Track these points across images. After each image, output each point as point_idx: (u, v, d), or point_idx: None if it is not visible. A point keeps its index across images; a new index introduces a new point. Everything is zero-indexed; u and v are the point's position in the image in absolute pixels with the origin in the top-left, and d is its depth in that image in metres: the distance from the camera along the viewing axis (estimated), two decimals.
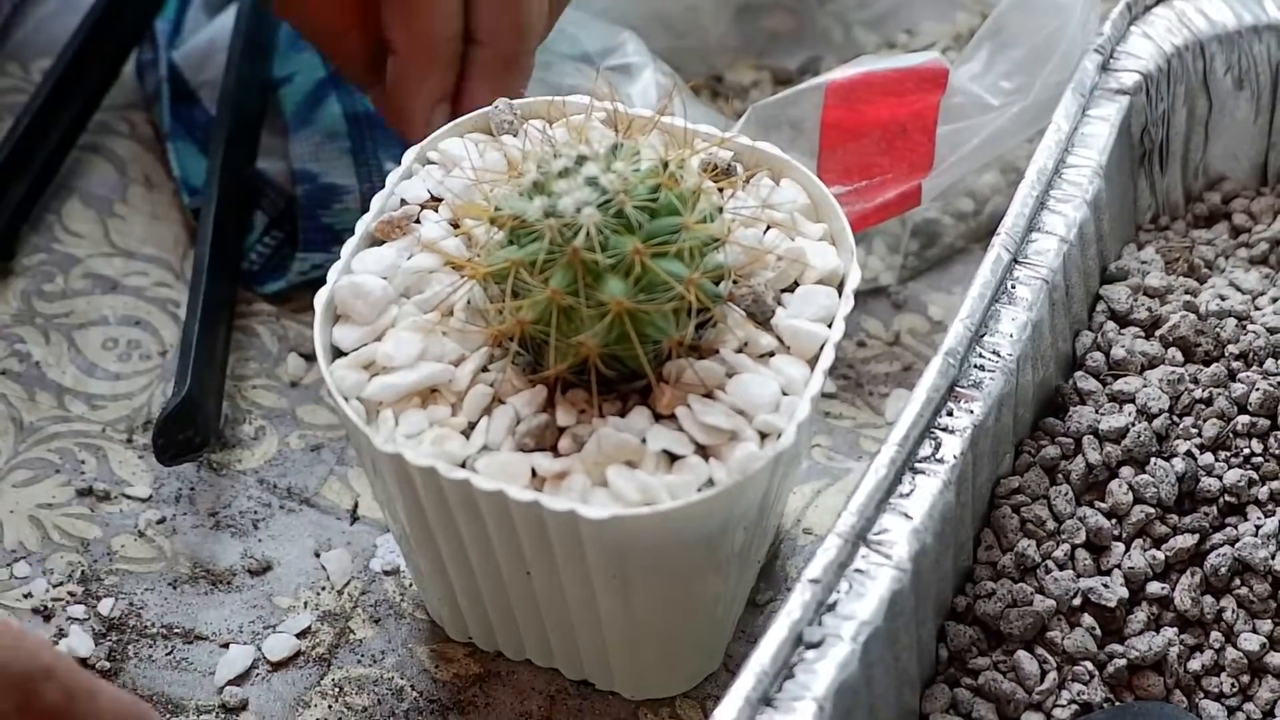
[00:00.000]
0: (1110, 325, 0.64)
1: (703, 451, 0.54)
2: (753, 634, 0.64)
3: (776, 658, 0.51)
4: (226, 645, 0.64)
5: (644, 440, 0.53)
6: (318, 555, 0.67)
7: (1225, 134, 0.71)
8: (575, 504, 0.52)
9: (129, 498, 0.68)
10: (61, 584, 0.65)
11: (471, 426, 0.55)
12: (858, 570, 0.53)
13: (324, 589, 0.65)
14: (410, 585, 0.66)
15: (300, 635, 0.64)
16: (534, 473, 0.53)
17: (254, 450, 0.70)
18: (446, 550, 0.58)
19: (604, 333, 0.53)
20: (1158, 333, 0.64)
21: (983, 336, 0.59)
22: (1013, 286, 0.60)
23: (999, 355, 0.58)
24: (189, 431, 0.66)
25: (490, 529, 0.55)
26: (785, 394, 0.55)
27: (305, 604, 0.65)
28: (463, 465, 0.53)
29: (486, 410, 0.55)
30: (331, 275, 0.57)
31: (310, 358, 0.72)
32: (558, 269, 0.53)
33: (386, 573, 0.66)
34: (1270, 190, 0.72)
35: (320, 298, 0.56)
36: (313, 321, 0.56)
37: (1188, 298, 0.65)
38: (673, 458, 0.54)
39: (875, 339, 0.73)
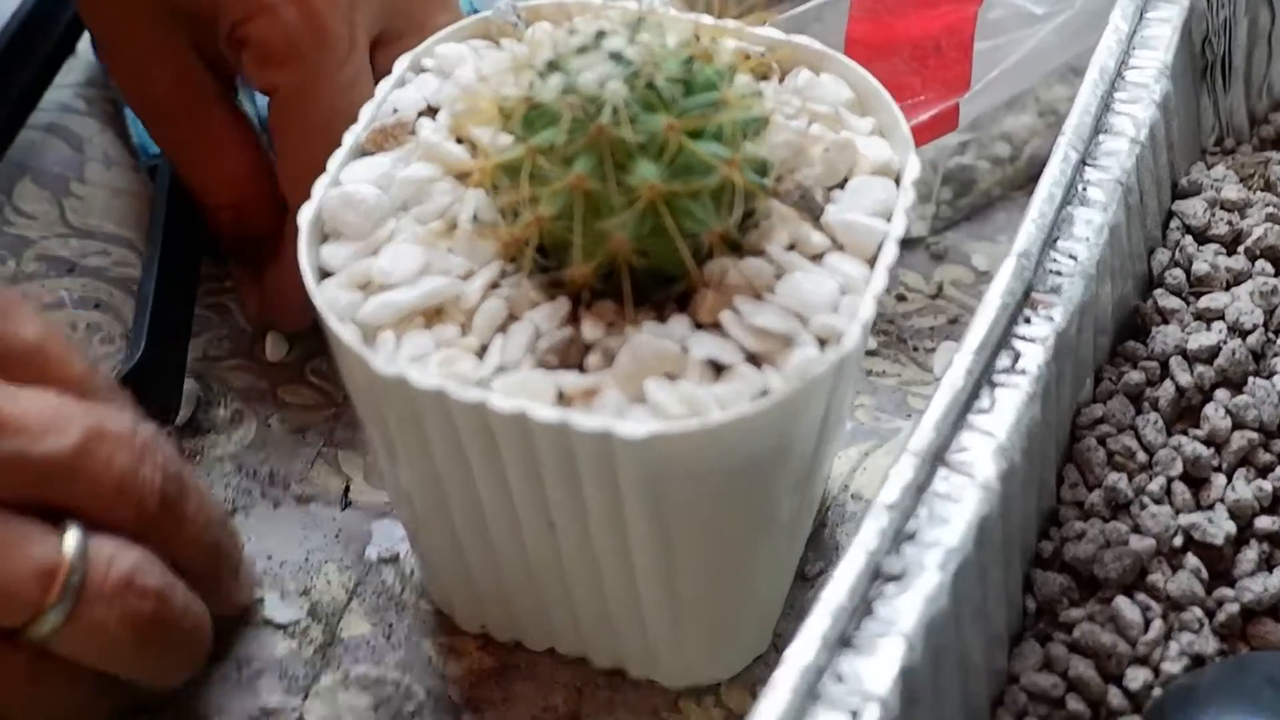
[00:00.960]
0: (1188, 239, 0.57)
1: (754, 360, 0.46)
2: (803, 610, 0.56)
3: (854, 592, 0.43)
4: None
5: (685, 349, 0.46)
6: (306, 545, 0.58)
7: None
8: (610, 421, 0.44)
9: None
10: None
11: (485, 348, 0.47)
12: (938, 493, 0.46)
13: (314, 582, 0.57)
14: (412, 573, 0.57)
15: (290, 633, 0.56)
16: (559, 394, 0.46)
17: (230, 435, 0.62)
18: (457, 505, 0.50)
19: (636, 224, 0.45)
20: (1241, 246, 0.57)
21: (1056, 240, 0.52)
22: (1084, 188, 0.53)
23: (1076, 259, 0.51)
24: (147, 401, 0.58)
25: (508, 466, 0.47)
26: (844, 294, 0.47)
27: (293, 599, 0.57)
28: (477, 388, 0.46)
29: (501, 328, 0.47)
30: (317, 189, 0.50)
31: (291, 334, 0.64)
32: (580, 153, 0.45)
33: (385, 560, 0.58)
34: None
35: (305, 212, 0.49)
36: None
37: (1270, 209, 0.58)
38: (718, 369, 0.46)
39: (916, 292, 0.66)
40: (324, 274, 0.49)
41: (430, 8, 0.61)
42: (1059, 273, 0.51)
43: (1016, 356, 0.49)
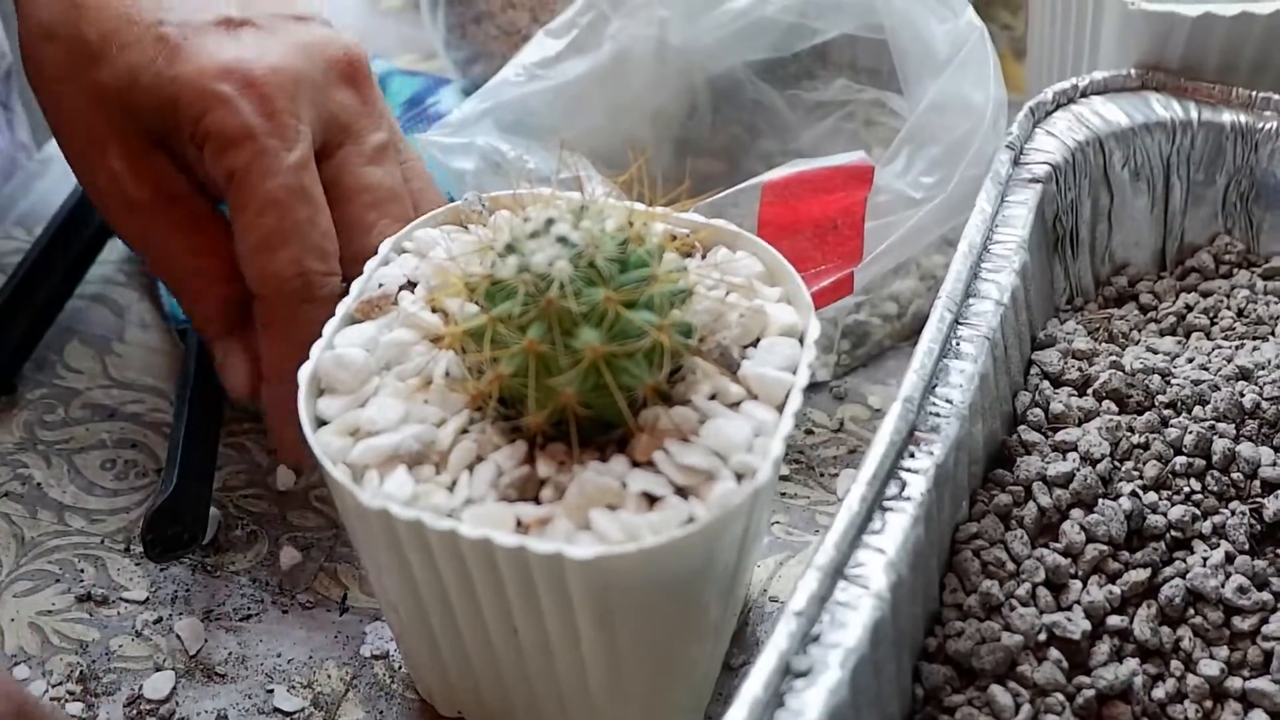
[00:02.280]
0: (1045, 384, 0.57)
1: (682, 492, 0.46)
2: (730, 695, 0.55)
3: (768, 686, 0.42)
4: None
5: (624, 484, 0.45)
6: (310, 644, 0.57)
7: (1127, 223, 0.64)
8: (561, 545, 0.43)
9: (126, 601, 0.59)
10: (60, 683, 0.56)
11: (455, 483, 0.46)
12: (838, 602, 0.45)
13: (316, 676, 0.56)
14: (400, 668, 0.56)
15: None
16: (518, 523, 0.45)
17: (246, 553, 0.61)
18: (434, 612, 0.49)
19: (581, 380, 0.45)
20: (1090, 389, 0.57)
21: (935, 387, 0.51)
22: (957, 343, 0.53)
23: (951, 403, 0.51)
24: (177, 527, 0.57)
25: (477, 583, 0.46)
26: (757, 436, 0.47)
27: (298, 691, 0.55)
28: (448, 518, 0.45)
29: (469, 467, 0.47)
30: (315, 351, 0.49)
31: (297, 468, 0.63)
32: (533, 321, 0.45)
33: (376, 657, 0.57)
34: (1170, 274, 0.65)
35: (304, 371, 0.48)
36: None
37: (1113, 358, 0.58)
38: (652, 500, 0.45)
39: (821, 427, 0.66)
40: (320, 423, 0.48)
41: (365, 121, 0.58)
42: (938, 414, 0.50)
43: (903, 485, 0.48)
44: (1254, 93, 0.64)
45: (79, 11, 0.57)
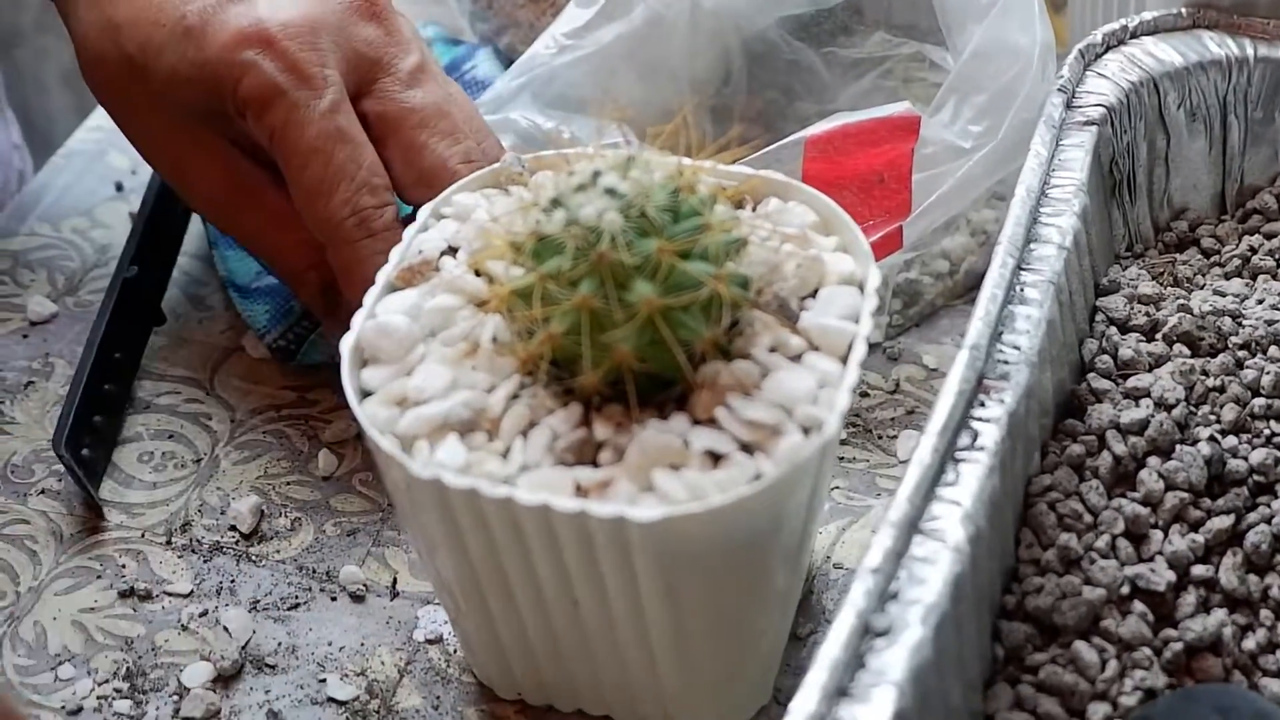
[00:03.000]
0: (1112, 330, 0.55)
1: (747, 448, 0.43)
2: (798, 666, 0.53)
3: (848, 646, 0.40)
4: None
5: (686, 442, 0.43)
6: (361, 631, 0.55)
7: (1184, 166, 0.62)
8: (623, 507, 0.41)
9: (171, 595, 0.57)
10: (107, 681, 0.54)
11: (509, 451, 0.44)
12: (916, 557, 0.43)
13: (369, 663, 0.54)
14: (455, 651, 0.54)
15: (351, 709, 0.52)
16: (577, 487, 0.43)
17: (291, 540, 0.58)
18: (491, 589, 0.47)
19: (636, 335, 0.43)
20: (1159, 333, 0.54)
21: (1001, 334, 0.49)
22: (1021, 289, 0.51)
23: (1020, 349, 0.49)
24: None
25: (535, 553, 0.44)
26: (821, 388, 0.44)
27: (351, 679, 0.53)
28: (504, 485, 0.42)
29: (523, 433, 0.45)
30: (356, 321, 0.47)
31: (340, 448, 0.61)
32: (584, 276, 0.43)
33: (430, 641, 0.55)
34: (1231, 217, 0.62)
35: (347, 341, 0.46)
36: (342, 418, 0.50)
37: (1181, 301, 0.55)
38: (716, 458, 0.43)
39: (877, 389, 0.63)
40: (365, 394, 0.46)
41: (394, 50, 0.58)
42: (1006, 361, 0.48)
43: (975, 435, 0.46)
44: None
45: (118, 31, 0.58)
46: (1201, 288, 0.58)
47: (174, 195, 0.66)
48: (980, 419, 0.46)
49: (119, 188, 0.74)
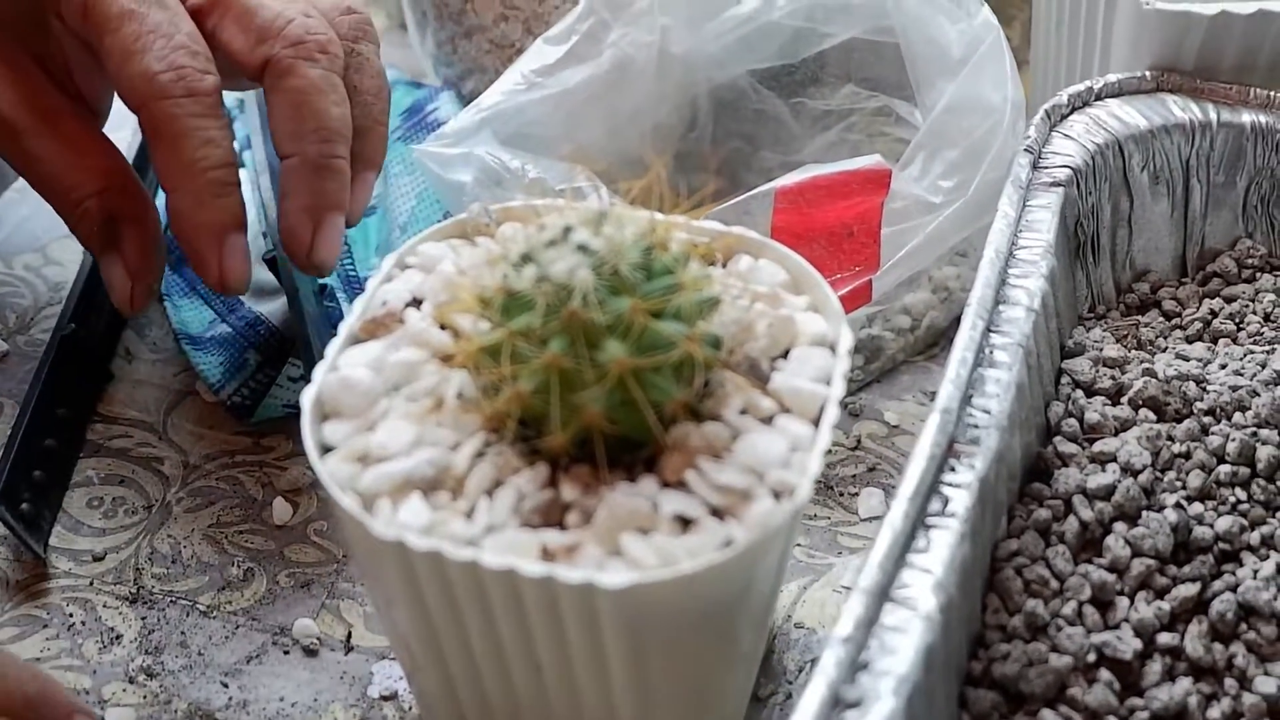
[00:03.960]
0: (1078, 394, 0.54)
1: (717, 513, 0.42)
2: None
3: (818, 718, 0.38)
4: None
5: (655, 506, 0.42)
6: (314, 686, 0.53)
7: (1147, 228, 0.61)
8: (592, 573, 0.40)
9: (118, 646, 0.54)
10: None
11: (473, 510, 0.42)
12: (887, 626, 0.41)
13: (322, 719, 0.52)
14: (410, 708, 0.52)
15: None
16: (544, 551, 0.41)
17: (244, 591, 0.57)
18: (450, 647, 0.45)
19: (607, 396, 0.42)
20: (1125, 398, 0.54)
21: (971, 398, 0.48)
22: (991, 351, 0.50)
23: (990, 413, 0.48)
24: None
25: (498, 615, 0.43)
26: (793, 451, 0.43)
27: None
28: (469, 547, 0.41)
29: (488, 492, 0.43)
30: (318, 374, 0.45)
31: (295, 496, 0.60)
32: (555, 334, 0.42)
33: (385, 698, 0.53)
34: (1191, 280, 0.62)
35: (308, 395, 0.44)
36: (298, 465, 0.47)
37: (1146, 365, 0.55)
38: (685, 522, 0.42)
39: (838, 445, 0.62)
40: (325, 449, 0.44)
41: None
42: (976, 425, 0.47)
43: (946, 501, 0.45)
44: (1273, 93, 0.61)
45: None
46: (1164, 350, 0.58)
47: None
48: (951, 484, 0.45)
49: None
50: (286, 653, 0.54)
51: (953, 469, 0.46)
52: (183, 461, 0.61)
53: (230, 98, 0.76)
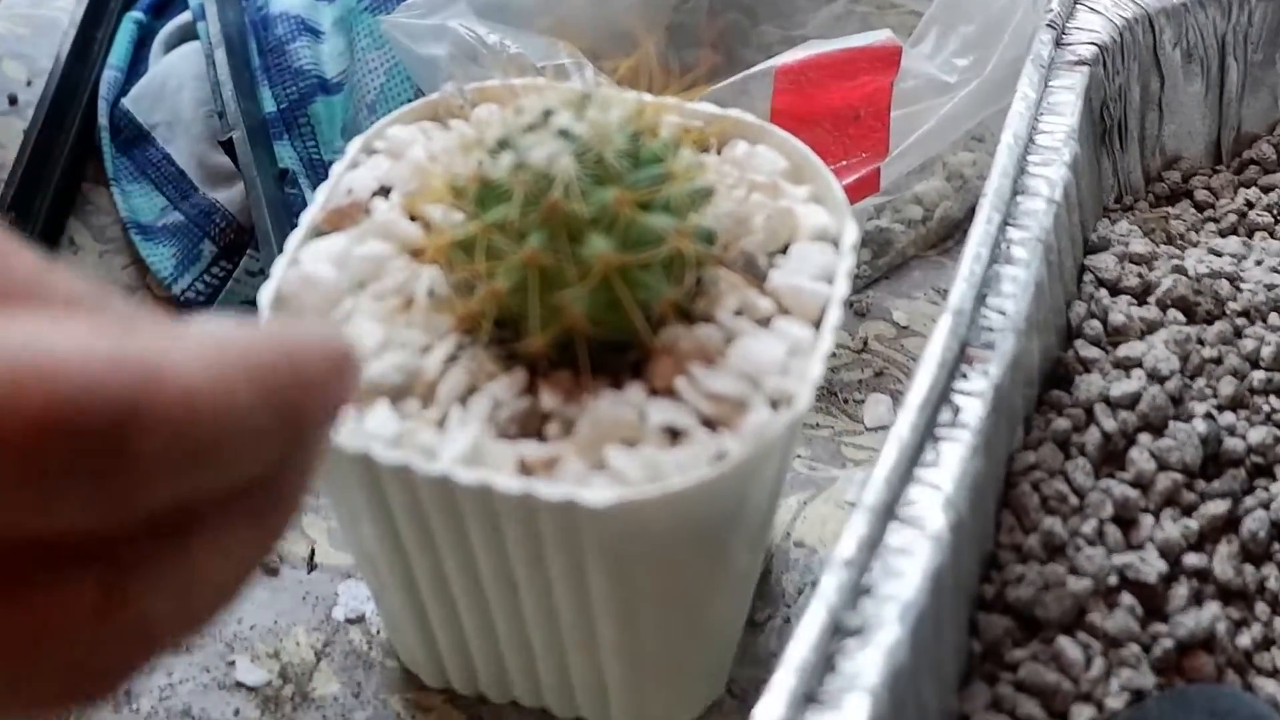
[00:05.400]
0: (1102, 293, 0.53)
1: (709, 424, 0.41)
2: (755, 655, 0.51)
3: (817, 647, 0.38)
4: (182, 711, 0.49)
5: (642, 416, 0.41)
6: (274, 608, 0.52)
7: (1179, 111, 0.60)
8: (573, 489, 0.39)
9: None
10: None
11: (446, 418, 0.41)
12: (891, 547, 0.40)
13: (283, 644, 0.51)
14: (379, 632, 0.52)
15: (262, 695, 0.50)
16: (521, 464, 0.40)
17: None
18: (422, 571, 0.44)
19: (590, 295, 0.40)
20: (1152, 297, 0.53)
21: (985, 297, 0.47)
22: (1008, 246, 0.49)
23: (1005, 314, 0.46)
24: None
25: (472, 535, 0.42)
26: (792, 356, 0.42)
27: (263, 661, 0.51)
28: (439, 460, 0.40)
29: (461, 400, 0.42)
30: (276, 269, 0.44)
31: None
32: (533, 228, 0.40)
33: (351, 621, 0.52)
34: (1226, 168, 0.61)
35: (265, 293, 0.43)
36: None
37: (1175, 262, 0.53)
38: (675, 434, 0.41)
39: (842, 348, 0.61)
40: None
41: None
42: (991, 328, 0.46)
43: (957, 411, 0.44)
44: None
45: None
46: (1195, 245, 0.57)
47: (66, 116, 0.63)
48: (963, 392, 0.44)
49: (12, 101, 0.71)
50: None
51: (965, 375, 0.45)
52: None
53: None
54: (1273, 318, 0.51)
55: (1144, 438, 0.48)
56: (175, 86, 0.67)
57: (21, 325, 0.23)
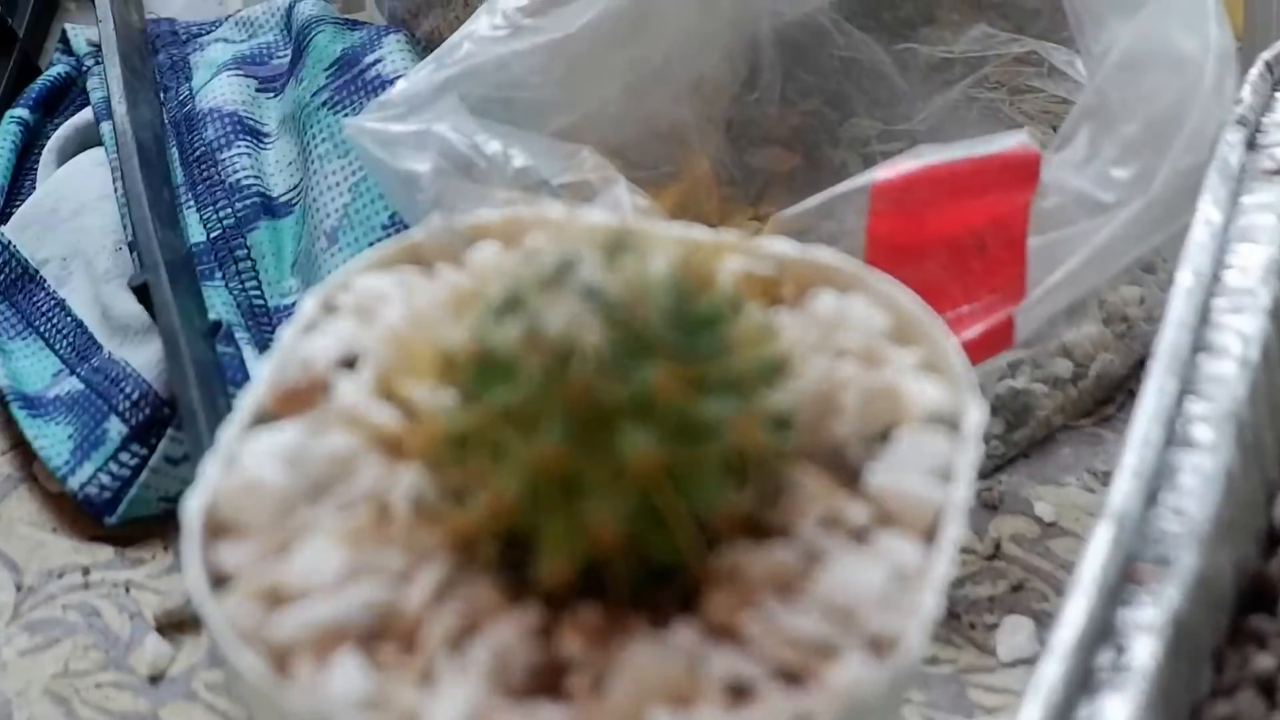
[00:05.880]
0: None
1: (786, 677, 0.42)
2: None
3: None
4: None
5: (696, 666, 0.42)
6: None
7: None
8: None
9: None
10: None
11: (433, 671, 0.43)
12: None
13: None
14: None
15: None
16: None
17: None
18: None
19: (625, 505, 0.42)
20: None
21: (1158, 495, 0.48)
22: (1187, 426, 0.50)
23: (1185, 517, 0.48)
24: None
25: None
26: (897, 584, 0.44)
27: None
28: None
29: (454, 645, 0.43)
30: (208, 468, 0.46)
31: (174, 631, 0.60)
32: (550, 417, 0.42)
33: None
34: None
35: (192, 504, 0.45)
36: (179, 584, 0.47)
37: None
38: (738, 692, 0.42)
39: (968, 552, 0.63)
40: (219, 580, 0.45)
41: None
42: (1166, 537, 0.47)
43: (1121, 650, 0.45)
44: None
45: None
46: None
47: None
48: (1130, 624, 0.46)
49: None
50: None
51: (1132, 601, 0.46)
52: (14, 581, 0.62)
53: (84, 41, 0.77)
54: None
55: None
56: (72, 210, 0.69)
57: None
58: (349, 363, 0.49)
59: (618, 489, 0.42)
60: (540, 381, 0.42)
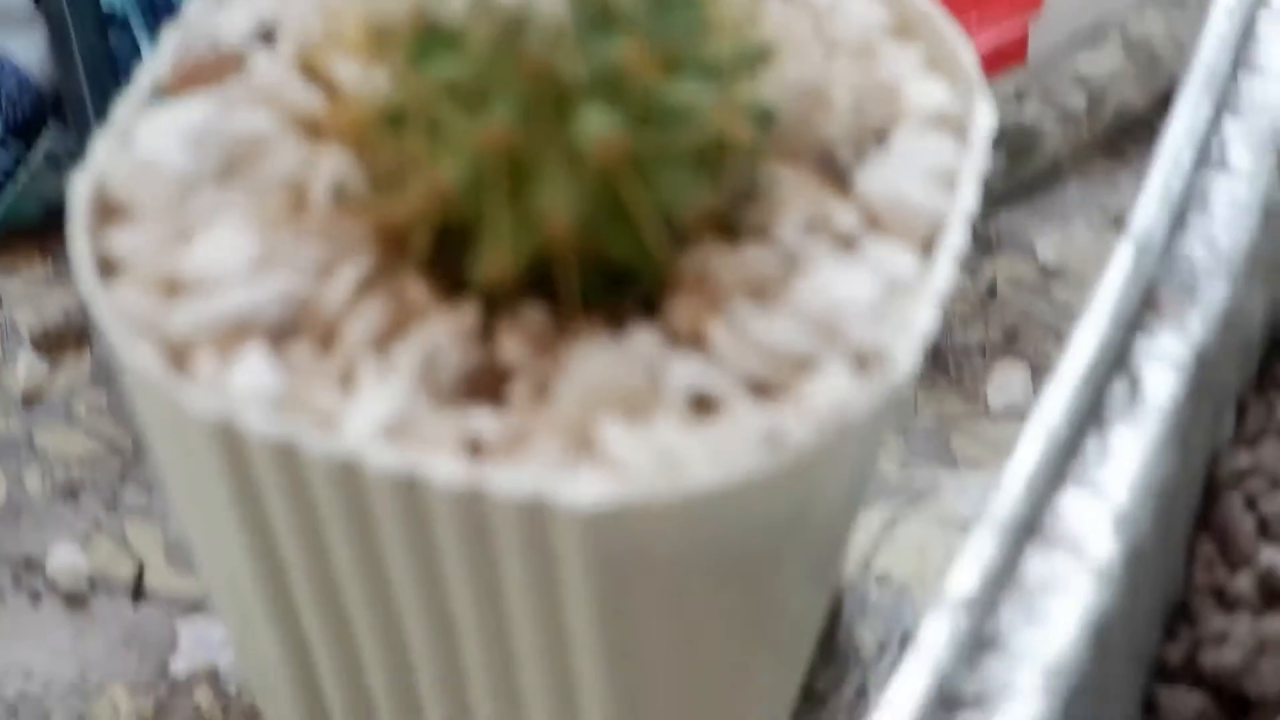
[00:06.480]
0: None
1: (758, 392, 0.43)
2: None
3: None
4: None
5: (656, 376, 0.43)
6: (80, 656, 0.55)
7: None
8: (544, 483, 0.40)
9: None
10: None
11: (354, 373, 0.43)
12: (1033, 585, 0.42)
13: (92, 709, 0.55)
14: (238, 693, 0.55)
15: None
16: (469, 444, 0.42)
17: None
18: (306, 597, 0.47)
19: (582, 195, 0.42)
20: None
21: (1187, 219, 0.49)
22: (1223, 146, 0.51)
23: (1216, 246, 0.48)
24: None
25: (387, 547, 0.44)
26: (889, 295, 0.44)
27: None
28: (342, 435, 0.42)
29: (379, 345, 0.44)
30: (97, 150, 0.46)
31: (52, 348, 0.61)
32: (500, 94, 0.42)
33: (196, 675, 0.55)
34: None
35: (79, 186, 0.46)
36: (60, 296, 0.49)
37: None
38: (703, 405, 0.43)
39: (959, 294, 0.63)
40: (108, 269, 0.45)
41: None
42: (1194, 266, 0.48)
43: (1136, 383, 0.46)
44: None
45: None
46: None
47: None
48: (1149, 356, 0.46)
49: None
50: (36, 600, 0.57)
51: (1153, 332, 0.47)
52: None
53: None
54: None
55: None
56: None
57: None
58: (266, 35, 0.49)
59: (574, 177, 0.42)
60: (490, 54, 0.42)
